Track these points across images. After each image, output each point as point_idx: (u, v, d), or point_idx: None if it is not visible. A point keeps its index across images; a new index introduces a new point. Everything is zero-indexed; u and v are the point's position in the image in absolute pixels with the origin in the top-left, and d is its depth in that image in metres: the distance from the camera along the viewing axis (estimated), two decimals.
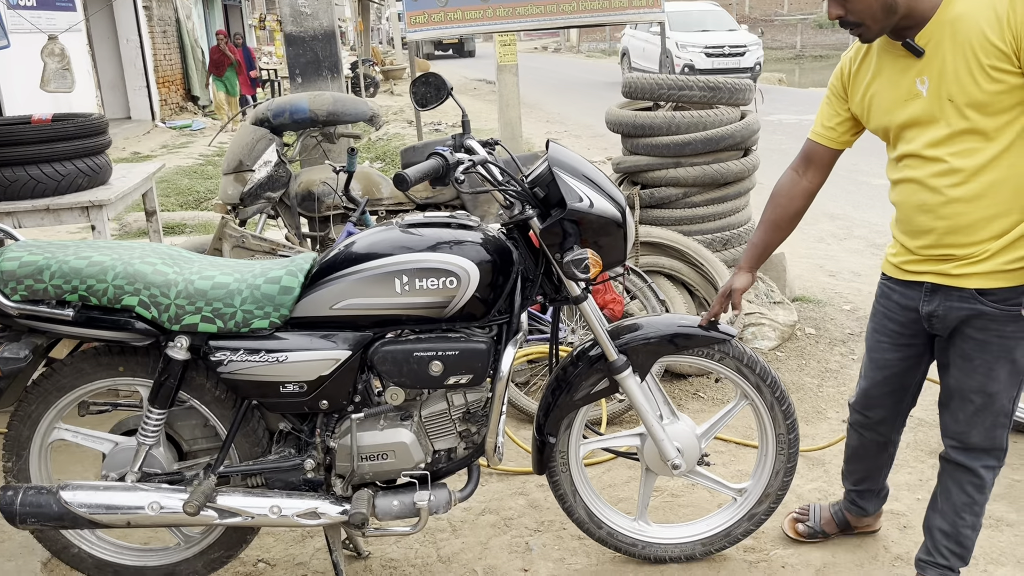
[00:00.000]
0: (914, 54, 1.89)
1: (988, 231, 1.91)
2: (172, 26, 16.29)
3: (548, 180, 2.16)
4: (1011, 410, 2.07)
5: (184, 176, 10.05)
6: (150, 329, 2.11)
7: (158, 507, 2.15)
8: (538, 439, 2.39)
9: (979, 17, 1.81)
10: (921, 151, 1.94)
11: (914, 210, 1.99)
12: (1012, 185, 1.87)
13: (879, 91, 2.00)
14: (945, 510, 2.19)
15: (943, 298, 2.01)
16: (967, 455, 2.12)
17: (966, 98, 1.84)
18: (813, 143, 2.21)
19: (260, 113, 4.26)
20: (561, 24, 4.92)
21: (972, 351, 2.01)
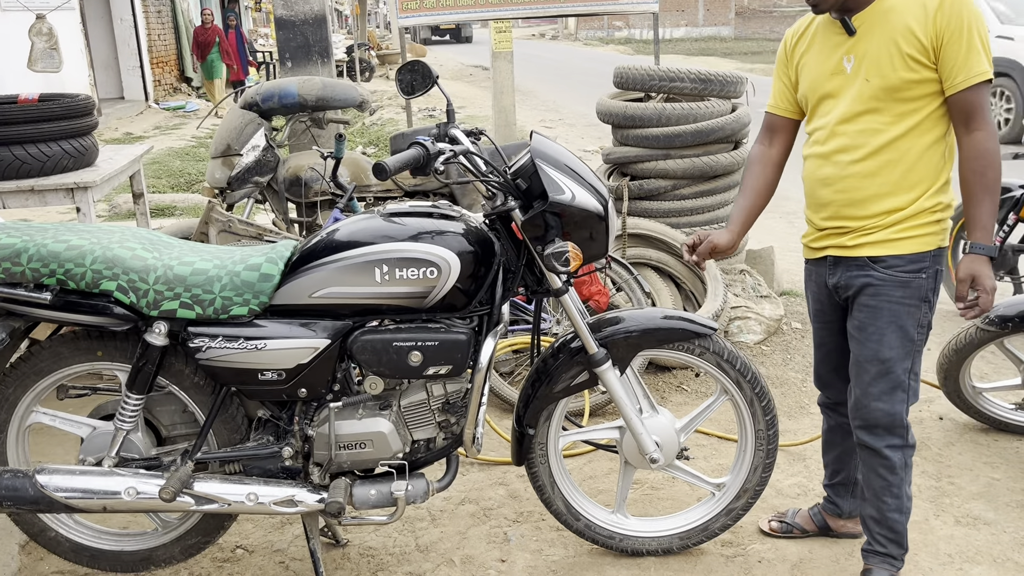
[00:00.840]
0: (847, 32, 2.06)
1: (879, 206, 2.07)
2: (167, 6, 16.17)
3: (531, 172, 2.15)
4: (908, 385, 2.15)
5: (176, 158, 10.00)
6: (128, 314, 2.10)
7: (134, 492, 2.15)
8: (517, 430, 2.40)
9: (908, 11, 1.98)
10: (830, 125, 2.10)
11: (817, 183, 2.15)
12: (903, 166, 2.04)
13: (809, 62, 2.17)
14: (869, 496, 2.26)
15: (843, 269, 2.16)
16: (871, 435, 2.20)
17: (881, 81, 2.01)
18: (770, 115, 2.34)
19: (249, 97, 4.23)
20: (554, 13, 4.89)
21: (866, 319, 2.14)
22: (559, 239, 2.12)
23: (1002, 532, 2.61)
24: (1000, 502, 2.77)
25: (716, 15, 39.24)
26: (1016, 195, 4.04)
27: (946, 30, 1.94)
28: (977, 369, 3.72)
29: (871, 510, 2.25)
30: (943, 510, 2.73)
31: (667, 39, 35.22)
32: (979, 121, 1.98)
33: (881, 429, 2.17)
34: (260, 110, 4.18)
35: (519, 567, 2.50)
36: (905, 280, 2.08)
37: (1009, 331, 2.95)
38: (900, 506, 2.21)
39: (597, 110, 4.29)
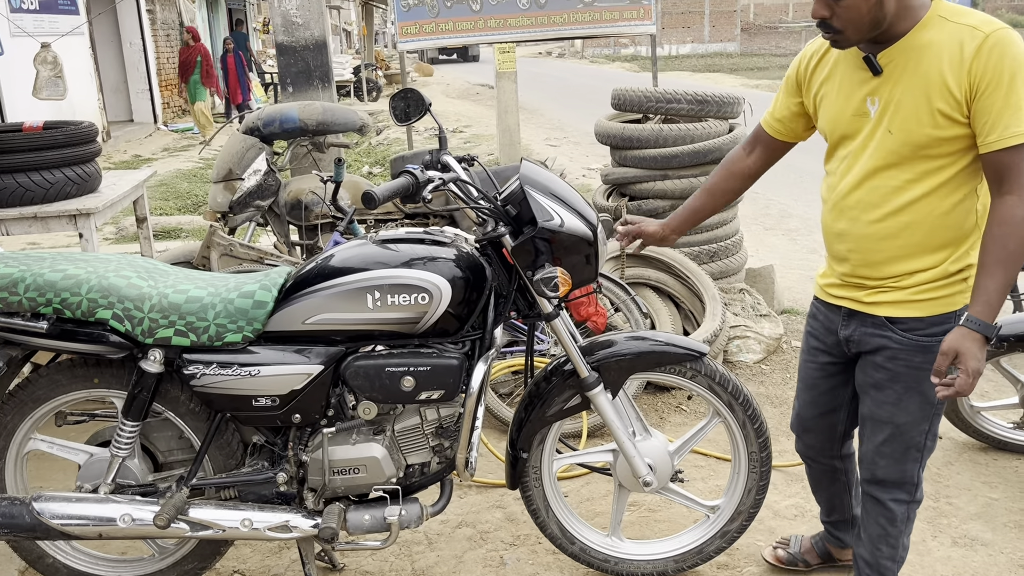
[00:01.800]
0: (872, 71, 1.85)
1: (898, 268, 1.91)
2: (175, 29, 16.37)
3: (520, 198, 2.17)
4: (923, 445, 2.02)
5: (183, 180, 10.09)
6: (124, 342, 2.12)
7: (130, 519, 2.17)
8: (511, 454, 2.41)
9: (944, 53, 1.76)
10: (847, 174, 1.93)
11: (833, 236, 2.01)
12: (926, 228, 1.87)
13: (829, 94, 1.97)
14: (864, 540, 2.18)
15: (858, 323, 2.02)
16: (877, 487, 2.10)
17: (905, 136, 1.82)
18: (761, 129, 2.21)
19: (250, 122, 4.28)
20: (552, 36, 4.95)
21: (884, 381, 2.00)
22: (549, 264, 2.14)
23: (999, 553, 2.60)
24: (998, 522, 2.75)
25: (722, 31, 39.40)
26: None
27: (983, 80, 1.71)
28: (977, 388, 3.71)
29: (864, 552, 2.18)
30: (940, 531, 2.72)
31: (673, 56, 35.37)
32: (1011, 185, 1.73)
33: (889, 484, 2.08)
34: (261, 135, 4.23)
35: None
36: (926, 344, 1.91)
37: (1005, 351, 2.94)
38: (894, 555, 2.15)
39: (595, 131, 4.33)
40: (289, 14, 4.68)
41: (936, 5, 1.81)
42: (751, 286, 4.46)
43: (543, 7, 4.77)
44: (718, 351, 3.83)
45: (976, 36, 1.73)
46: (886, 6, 1.76)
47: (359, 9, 23.75)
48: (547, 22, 4.77)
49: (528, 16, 4.77)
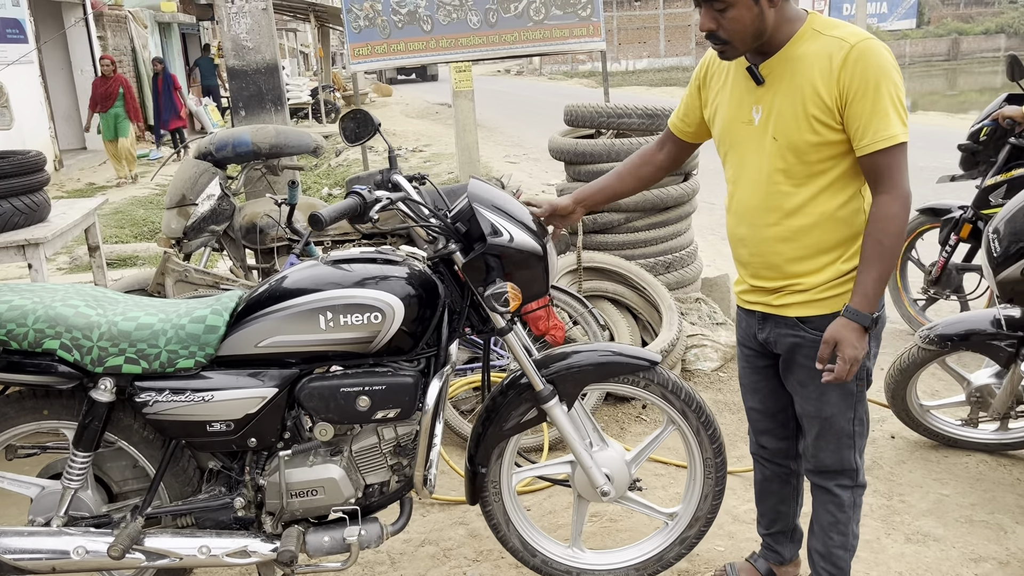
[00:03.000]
0: (755, 81, 1.95)
1: (797, 268, 2.01)
2: (128, 56, 16.20)
3: (469, 215, 2.19)
4: (853, 431, 2.11)
5: (139, 206, 9.97)
6: (73, 372, 2.10)
7: (84, 551, 2.14)
8: (470, 469, 2.42)
9: (816, 63, 1.87)
10: (741, 181, 2.04)
11: (736, 242, 2.11)
12: (819, 230, 1.96)
13: (723, 103, 2.07)
14: (816, 531, 2.26)
15: (772, 326, 2.11)
16: (822, 476, 2.20)
17: (787, 141, 1.92)
18: (669, 131, 2.29)
19: (203, 147, 4.26)
20: (503, 54, 5.00)
21: (805, 378, 2.09)
22: (500, 279, 2.16)
23: (951, 548, 2.66)
24: (949, 518, 2.82)
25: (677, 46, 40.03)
26: (956, 216, 4.16)
27: (850, 88, 1.82)
28: (928, 386, 3.80)
29: (818, 544, 2.25)
30: (894, 528, 2.78)
31: (630, 71, 35.84)
32: (884, 184, 1.86)
33: (832, 472, 2.18)
34: (214, 159, 4.20)
35: None
36: None
37: (949, 350, 3.02)
38: (845, 543, 2.22)
39: (549, 147, 4.37)
40: (240, 38, 4.68)
41: (811, 19, 1.93)
42: (707, 295, 4.53)
43: (494, 26, 4.82)
44: (676, 360, 3.88)
45: (843, 47, 1.85)
46: (767, 18, 1.87)
47: (315, 31, 23.72)
48: (498, 41, 4.82)
49: (479, 35, 4.82)
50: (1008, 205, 2.77)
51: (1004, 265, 2.68)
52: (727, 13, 1.85)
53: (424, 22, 4.81)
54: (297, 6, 20.41)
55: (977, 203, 4.03)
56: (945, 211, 4.23)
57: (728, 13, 1.85)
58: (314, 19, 21.63)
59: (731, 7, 1.84)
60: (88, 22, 14.11)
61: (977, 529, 2.76)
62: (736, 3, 1.84)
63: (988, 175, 3.99)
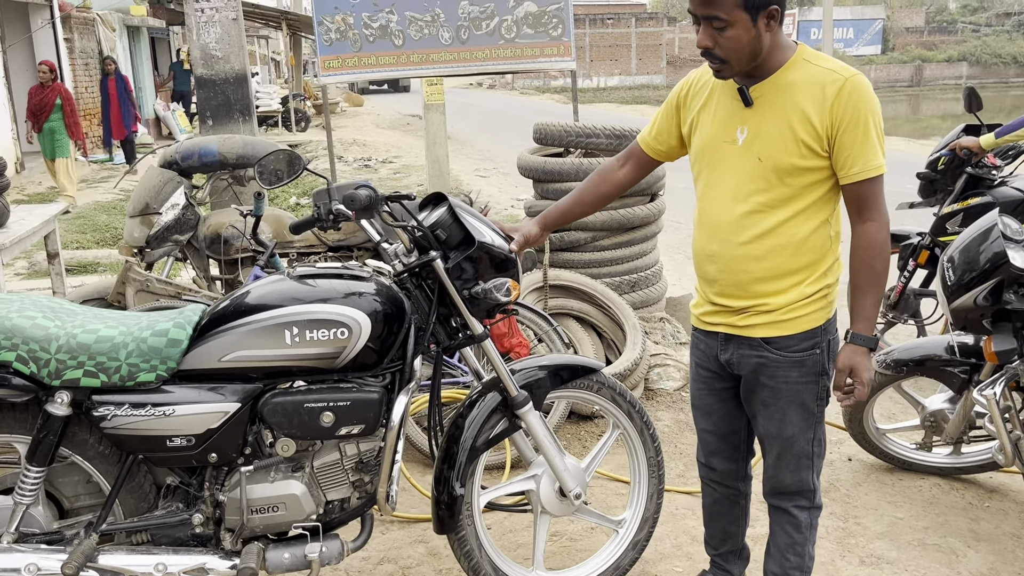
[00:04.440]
0: (744, 102, 2.00)
1: (764, 288, 2.05)
2: (95, 59, 15.97)
3: (449, 223, 2.25)
4: (812, 452, 2.16)
5: (102, 212, 9.82)
6: (28, 385, 2.06)
7: (35, 569, 2.09)
8: (444, 493, 2.31)
9: (807, 92, 1.93)
10: (718, 198, 2.07)
11: (704, 258, 2.13)
12: (789, 251, 2.02)
13: (704, 121, 2.10)
14: (773, 552, 2.29)
15: (735, 346, 2.14)
16: (780, 497, 2.24)
17: (772, 162, 1.97)
18: (637, 146, 2.31)
19: (168, 156, 4.22)
20: (474, 71, 5.03)
21: (768, 398, 2.13)
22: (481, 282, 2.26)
23: (904, 571, 2.71)
24: (903, 541, 2.87)
25: (648, 64, 40.46)
26: (914, 242, 4.26)
27: (843, 119, 1.89)
28: (885, 409, 3.87)
29: (774, 566, 2.29)
30: (848, 550, 2.82)
31: (602, 88, 36.16)
32: (871, 212, 1.96)
33: (791, 492, 2.21)
34: (180, 168, 4.15)
35: None
36: (800, 359, 2.06)
37: (905, 375, 3.09)
38: (802, 564, 2.25)
39: (518, 165, 4.40)
40: (208, 47, 4.65)
41: (801, 49, 2.00)
42: (671, 315, 4.57)
43: (465, 43, 4.85)
44: (639, 380, 3.91)
45: (837, 80, 1.93)
46: (763, 41, 1.92)
47: (287, 39, 23.61)
48: (469, 57, 4.85)
49: (451, 51, 4.85)
50: (962, 235, 2.84)
51: (958, 294, 2.75)
52: (725, 32, 1.89)
53: (396, 37, 4.82)
54: (269, 14, 20.30)
55: (934, 230, 4.12)
56: (904, 237, 4.33)
57: (726, 32, 1.89)
58: (286, 27, 21.53)
59: (730, 27, 1.89)
60: (55, 24, 13.91)
61: (930, 552, 2.81)
62: (735, 23, 1.88)
63: (945, 203, 4.09)
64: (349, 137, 16.45)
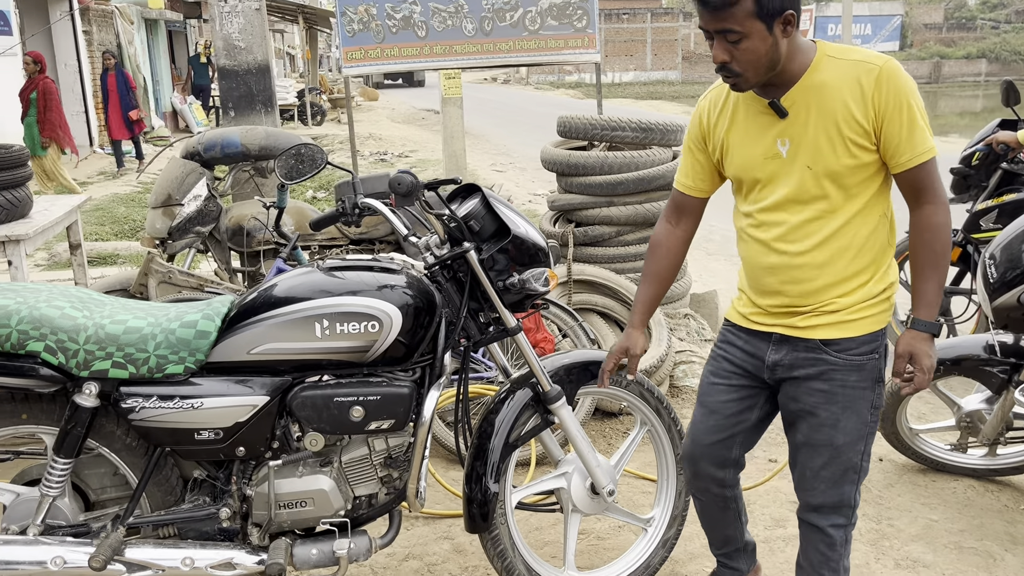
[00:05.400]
0: (778, 114, 1.91)
1: (833, 293, 1.96)
2: (113, 51, 16.02)
3: (482, 214, 2.21)
4: (860, 466, 2.05)
5: (121, 204, 9.83)
6: (56, 375, 2.03)
7: (62, 562, 2.06)
8: (478, 491, 2.26)
9: (844, 88, 1.85)
10: (772, 212, 1.97)
11: (762, 271, 2.02)
12: (852, 252, 1.95)
13: (736, 142, 2.00)
14: (805, 567, 2.17)
15: (790, 348, 2.03)
16: (815, 514, 2.10)
17: (823, 167, 1.89)
18: (681, 194, 2.18)
19: (191, 146, 4.19)
20: (498, 63, 4.98)
21: (820, 403, 2.01)
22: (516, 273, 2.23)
23: (940, 574, 2.65)
24: (938, 544, 2.81)
25: (663, 60, 40.28)
26: None
27: (886, 107, 1.82)
28: (915, 410, 3.80)
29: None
30: (883, 553, 2.77)
31: (616, 83, 36.01)
32: (928, 195, 1.89)
33: (827, 509, 2.08)
34: (202, 159, 4.14)
35: None
36: (860, 363, 1.98)
37: (942, 374, 3.02)
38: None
39: (542, 158, 4.35)
40: (231, 38, 4.62)
41: (822, 47, 1.91)
42: (695, 311, 4.51)
43: (489, 34, 4.80)
44: (664, 376, 3.86)
45: (871, 70, 1.84)
46: (780, 48, 1.84)
47: (303, 33, 23.62)
48: (493, 49, 4.80)
49: (474, 43, 4.79)
50: (1005, 231, 2.77)
51: (1000, 291, 2.68)
52: (741, 44, 1.81)
53: (419, 28, 4.78)
54: (286, 7, 20.31)
55: (967, 227, 4.05)
56: None
57: (742, 44, 1.81)
58: (303, 21, 21.54)
59: (745, 38, 1.80)
60: (74, 16, 13.95)
61: (967, 556, 2.75)
62: (750, 34, 1.79)
63: (979, 200, 4.01)
64: (365, 131, 16.44)
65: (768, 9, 1.78)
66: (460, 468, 2.79)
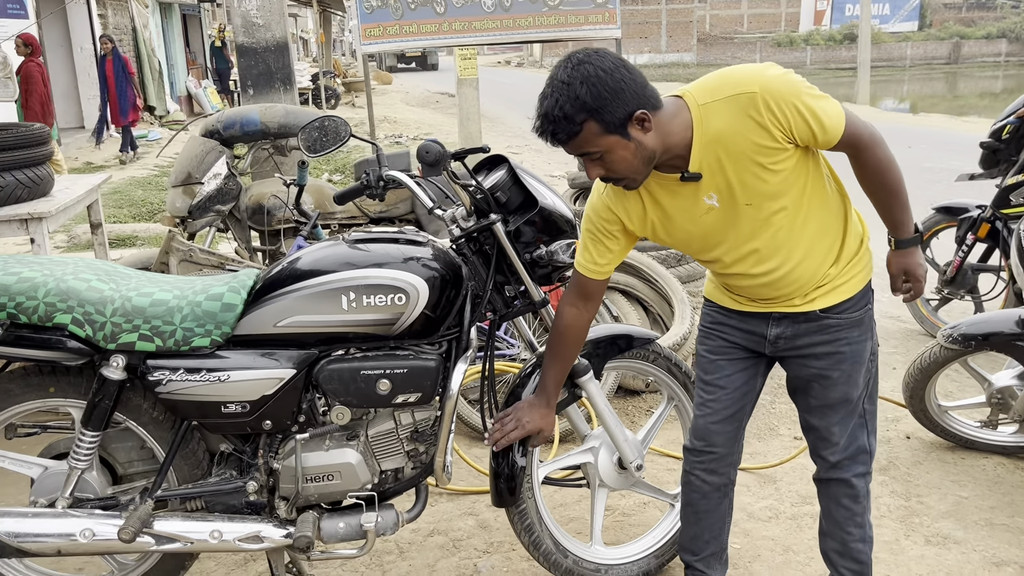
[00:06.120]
0: (694, 181, 1.88)
1: (821, 271, 1.99)
2: (128, 35, 16.03)
3: (509, 185, 2.17)
4: (864, 410, 2.12)
5: (138, 187, 9.86)
6: (84, 348, 2.03)
7: (91, 534, 2.06)
8: (504, 466, 2.25)
9: (739, 129, 1.81)
10: (735, 252, 1.96)
11: (756, 288, 2.02)
12: (823, 228, 1.95)
13: (666, 216, 1.97)
14: (831, 530, 2.20)
15: (791, 321, 2.05)
16: (837, 469, 2.14)
17: (758, 195, 1.87)
18: (587, 279, 2.10)
19: (210, 125, 4.18)
20: (518, 39, 4.92)
21: (828, 367, 2.06)
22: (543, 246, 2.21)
23: (972, 551, 2.62)
24: (969, 520, 2.78)
25: (678, 42, 39.98)
26: (973, 215, 4.11)
27: (787, 121, 1.78)
28: (942, 387, 3.76)
29: (834, 544, 2.20)
30: (913, 530, 2.73)
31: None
32: (861, 143, 1.87)
33: (848, 461, 2.13)
34: (222, 138, 4.13)
35: None
36: (859, 318, 2.04)
37: (972, 350, 2.97)
38: (864, 535, 2.17)
39: None
40: (249, 15, 4.59)
41: (688, 97, 1.85)
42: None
43: (508, 10, 4.74)
44: (687, 354, 3.82)
45: (752, 99, 1.78)
46: (648, 143, 1.80)
47: (317, 16, 23.55)
48: (512, 25, 4.74)
49: (493, 19, 4.74)
50: None
51: None
52: (606, 159, 1.80)
53: (437, 4, 4.73)
54: None
55: (997, 202, 3.98)
56: (962, 210, 4.18)
57: (607, 159, 1.80)
58: (316, 4, 21.47)
59: (607, 153, 1.79)
60: (89, 0, 13.96)
61: (998, 532, 2.71)
62: (610, 148, 1.78)
63: (1009, 174, 3.94)
64: (380, 114, 16.39)
65: (614, 123, 1.75)
66: (484, 445, 2.77)
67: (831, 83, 30.49)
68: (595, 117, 1.74)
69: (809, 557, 2.59)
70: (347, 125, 2.34)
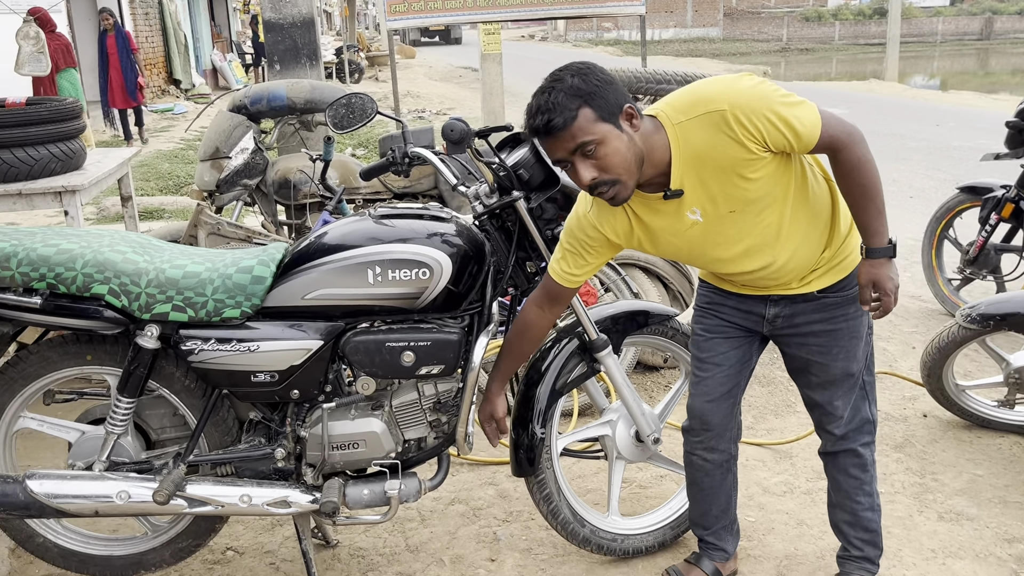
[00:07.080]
0: (676, 198, 1.92)
1: (815, 257, 2.03)
2: (155, 8, 16.12)
3: (531, 163, 2.19)
4: (863, 381, 2.17)
5: (164, 160, 9.98)
6: (120, 318, 2.10)
7: (126, 496, 2.15)
8: (524, 436, 2.33)
9: (716, 145, 1.83)
10: (726, 255, 2.00)
11: (751, 281, 2.08)
12: (813, 217, 1.99)
13: (652, 231, 2.01)
14: (840, 501, 2.26)
15: (789, 302, 2.10)
16: (844, 441, 2.21)
17: (742, 203, 1.91)
18: (559, 284, 2.13)
19: (237, 100, 4.24)
20: (542, 15, 4.92)
21: (828, 343, 2.11)
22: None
23: (984, 527, 2.65)
24: (983, 498, 2.81)
25: (704, 16, 39.45)
26: (998, 195, 4.09)
27: (761, 132, 1.81)
28: (960, 367, 3.77)
29: (843, 515, 2.26)
30: (926, 506, 2.77)
31: (656, 40, 35.36)
32: (838, 143, 1.86)
33: (853, 432, 2.20)
34: (248, 113, 4.19)
35: (508, 566, 2.52)
36: (855, 295, 2.07)
37: (991, 329, 2.98)
38: (872, 504, 2.24)
39: None
40: None
41: (662, 116, 1.88)
42: None
43: None
44: None
45: (723, 116, 1.81)
46: (637, 141, 1.84)
47: None
48: (537, 1, 4.74)
49: None
50: None
51: None
52: (599, 151, 1.80)
53: None
54: None
55: (1021, 182, 3.95)
56: (987, 190, 4.16)
57: (600, 151, 1.80)
58: None
59: (602, 143, 1.79)
60: None
61: (1011, 510, 2.74)
62: (605, 137, 1.79)
63: None
64: (403, 89, 16.37)
65: (607, 110, 1.79)
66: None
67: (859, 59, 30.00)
68: (589, 103, 1.79)
69: (822, 531, 2.63)
70: (374, 102, 2.38)
